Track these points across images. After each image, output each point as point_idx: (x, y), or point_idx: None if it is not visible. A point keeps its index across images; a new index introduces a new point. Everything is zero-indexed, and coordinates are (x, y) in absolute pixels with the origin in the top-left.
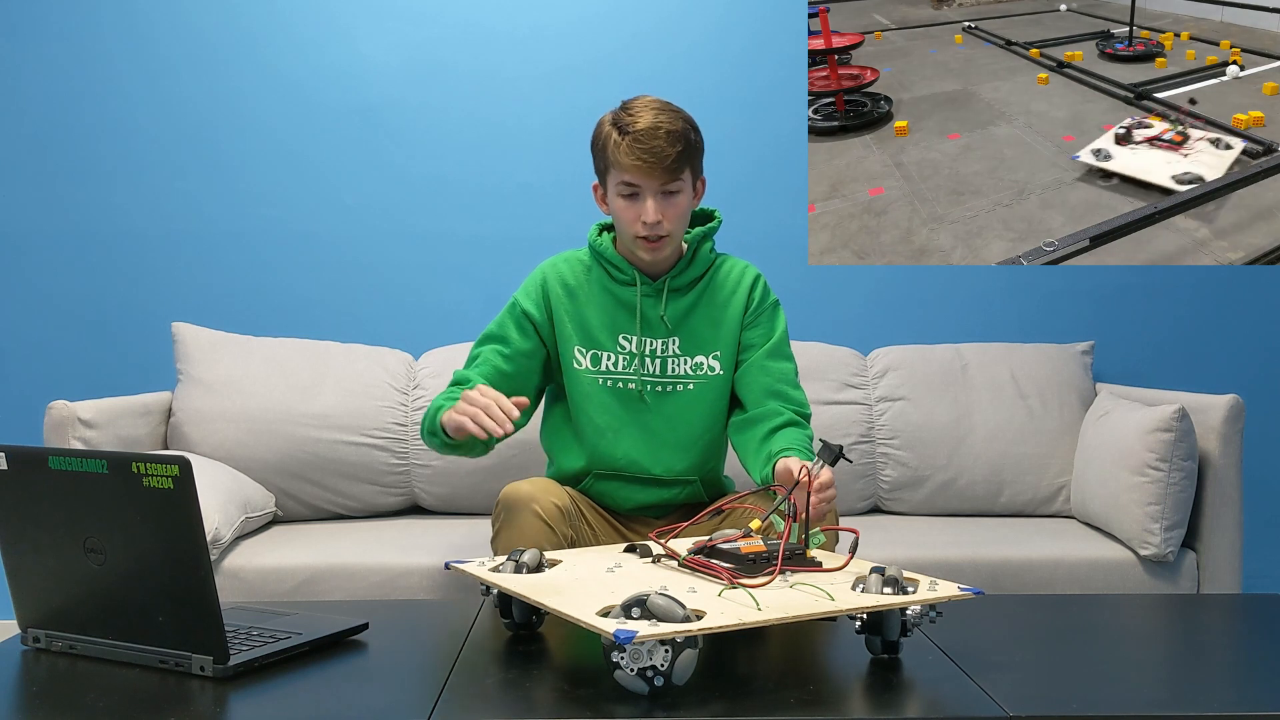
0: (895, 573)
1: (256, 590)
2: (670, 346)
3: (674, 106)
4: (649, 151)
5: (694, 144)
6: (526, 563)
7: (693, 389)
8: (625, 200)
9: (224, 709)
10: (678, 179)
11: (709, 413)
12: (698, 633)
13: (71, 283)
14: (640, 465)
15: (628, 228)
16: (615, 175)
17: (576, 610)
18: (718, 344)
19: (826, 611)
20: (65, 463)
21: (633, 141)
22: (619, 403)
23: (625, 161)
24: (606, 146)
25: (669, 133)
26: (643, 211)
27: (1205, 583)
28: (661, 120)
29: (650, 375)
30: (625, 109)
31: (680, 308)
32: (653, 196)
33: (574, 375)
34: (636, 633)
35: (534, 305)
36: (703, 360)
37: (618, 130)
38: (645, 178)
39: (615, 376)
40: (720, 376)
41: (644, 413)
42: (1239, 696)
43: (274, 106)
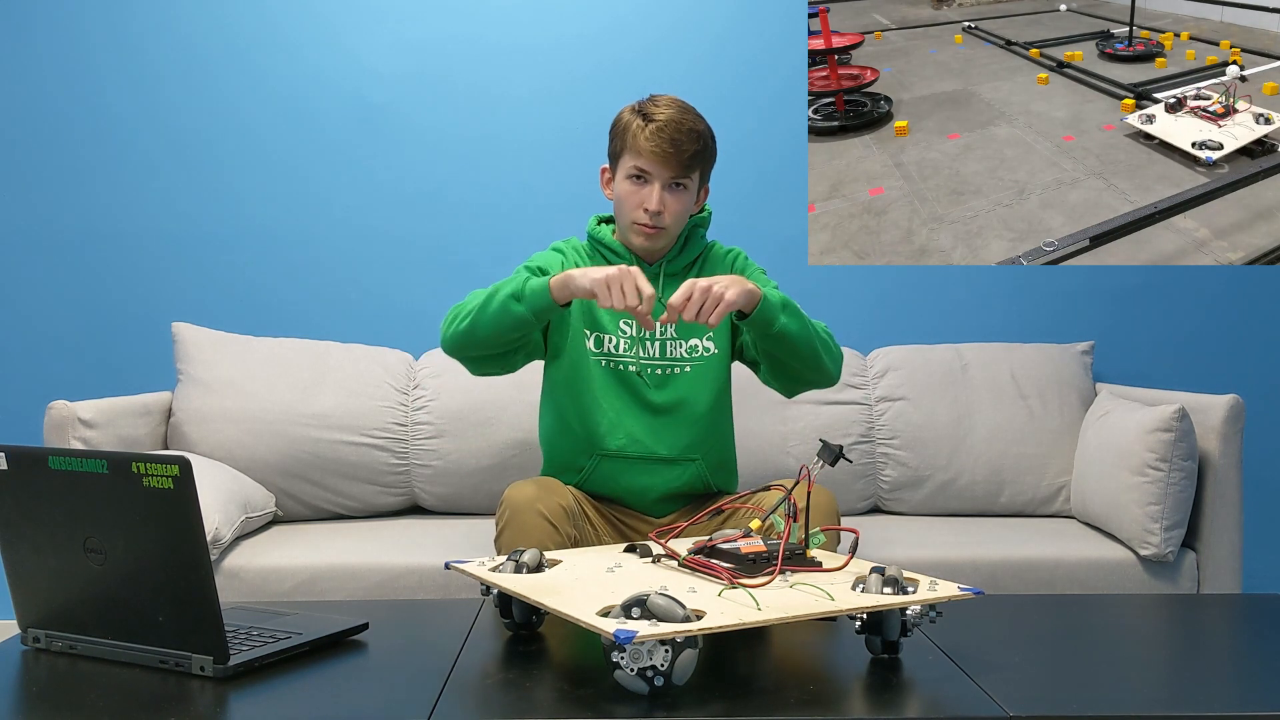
0: (895, 573)
1: (256, 590)
2: (668, 329)
3: (698, 112)
4: (669, 141)
5: (710, 149)
6: (526, 563)
7: (690, 370)
8: (632, 184)
9: (224, 709)
10: (689, 175)
11: (709, 391)
12: (698, 633)
13: (71, 283)
14: (642, 444)
15: (629, 212)
16: (629, 159)
17: (576, 610)
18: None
19: (826, 611)
20: (65, 463)
21: (656, 129)
22: (621, 384)
23: (644, 146)
24: (627, 130)
25: (691, 129)
26: (647, 198)
27: (1205, 583)
28: (686, 118)
29: (649, 358)
30: (652, 100)
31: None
32: (661, 185)
33: (583, 356)
34: (636, 633)
35: (556, 268)
36: (697, 343)
37: (641, 117)
38: (659, 165)
39: (616, 358)
40: (716, 356)
41: (645, 393)
42: (1239, 696)
43: (274, 108)
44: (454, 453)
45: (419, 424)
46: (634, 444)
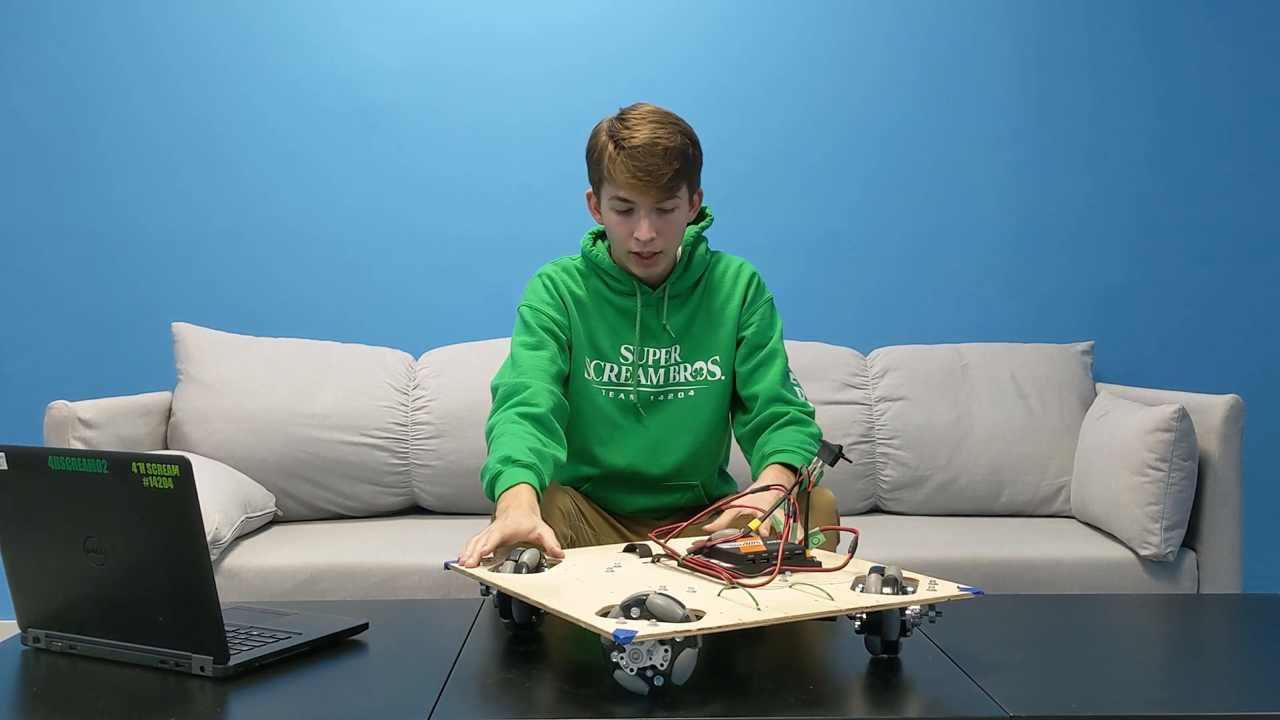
0: (895, 572)
1: (256, 590)
2: (673, 355)
3: (674, 118)
4: (644, 170)
5: (692, 160)
6: (526, 562)
7: (694, 395)
8: (619, 216)
9: (224, 709)
10: (673, 197)
11: (710, 418)
12: (697, 632)
13: (71, 283)
14: (641, 471)
15: (621, 243)
16: (609, 190)
17: (576, 610)
18: (716, 347)
19: (826, 611)
20: (65, 463)
21: (628, 158)
22: (620, 411)
23: (620, 178)
24: (602, 159)
25: (666, 149)
26: (636, 228)
27: (1205, 583)
28: (660, 136)
29: (649, 386)
30: (622, 120)
31: (682, 315)
32: (646, 214)
33: (584, 385)
34: (636, 632)
35: (554, 309)
36: (702, 366)
37: (614, 143)
38: (640, 195)
39: (616, 387)
40: (720, 382)
41: (643, 421)
42: (1239, 696)
43: (274, 107)
44: (454, 453)
45: (419, 424)
46: (633, 471)
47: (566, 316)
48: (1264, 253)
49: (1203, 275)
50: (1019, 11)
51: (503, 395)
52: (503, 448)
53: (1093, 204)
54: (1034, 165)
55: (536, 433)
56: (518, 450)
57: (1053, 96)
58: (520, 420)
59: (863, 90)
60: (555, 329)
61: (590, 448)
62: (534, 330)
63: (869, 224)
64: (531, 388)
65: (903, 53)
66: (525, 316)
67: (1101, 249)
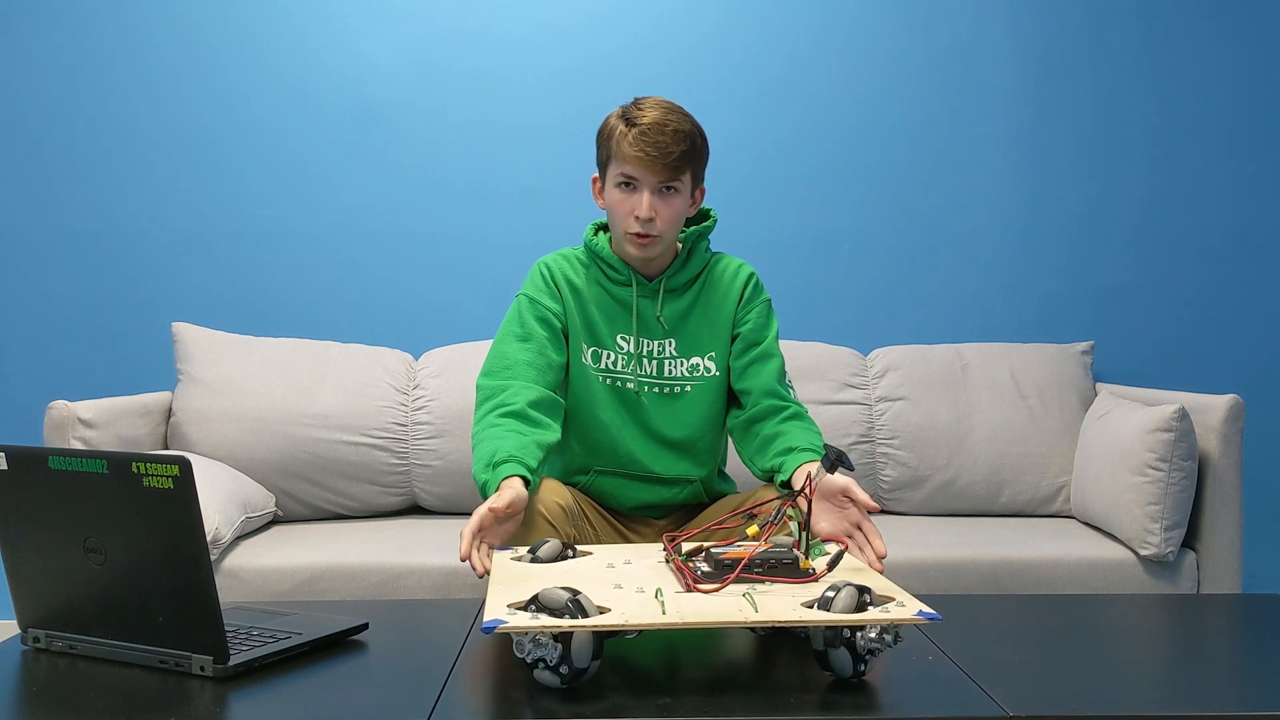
0: (851, 598)
1: (256, 590)
2: (667, 348)
3: (685, 111)
4: (653, 145)
5: (699, 148)
6: (541, 556)
7: (690, 390)
8: (622, 193)
9: (224, 709)
10: (678, 178)
11: (708, 414)
12: (569, 628)
13: (71, 283)
14: (640, 464)
15: (620, 222)
16: (616, 166)
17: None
18: (713, 344)
19: (731, 622)
20: (65, 463)
21: (639, 134)
22: (620, 401)
23: (628, 152)
24: (612, 137)
25: (676, 130)
26: (637, 205)
27: (1205, 583)
28: (671, 118)
29: (648, 376)
30: (636, 104)
31: (677, 309)
32: (650, 191)
33: (581, 370)
34: (500, 622)
35: (549, 298)
36: (699, 362)
37: (625, 122)
38: (646, 171)
39: (615, 374)
40: (716, 378)
41: (643, 412)
42: (1239, 696)
43: (274, 107)
44: (454, 453)
45: (419, 424)
46: (632, 464)
47: (562, 304)
48: (1264, 253)
49: (1203, 275)
50: (1020, 12)
51: (481, 400)
52: (484, 454)
53: (1093, 204)
54: (1034, 165)
55: (516, 426)
56: (501, 451)
57: (1053, 97)
58: (499, 421)
59: (863, 91)
60: (550, 317)
61: (590, 434)
62: (525, 321)
63: (869, 224)
64: (509, 388)
65: (903, 53)
66: (520, 306)
67: (1102, 249)
